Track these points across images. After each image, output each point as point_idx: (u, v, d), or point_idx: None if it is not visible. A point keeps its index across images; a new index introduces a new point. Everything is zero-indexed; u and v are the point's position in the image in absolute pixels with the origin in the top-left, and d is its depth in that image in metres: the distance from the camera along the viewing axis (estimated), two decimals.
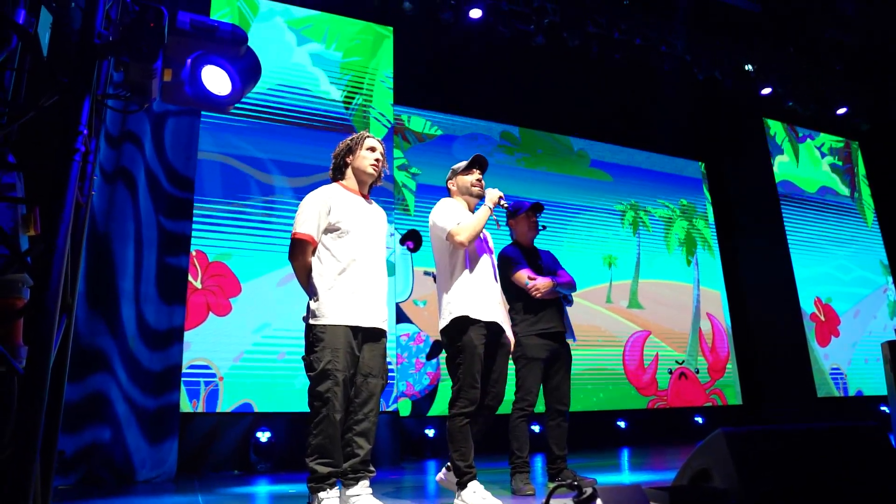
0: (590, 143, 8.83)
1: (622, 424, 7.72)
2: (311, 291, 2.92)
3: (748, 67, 9.02)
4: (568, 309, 4.11)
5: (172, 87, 2.66)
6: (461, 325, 3.22)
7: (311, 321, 2.85)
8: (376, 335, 2.98)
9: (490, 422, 3.41)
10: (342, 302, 2.86)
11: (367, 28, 6.97)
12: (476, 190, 3.53)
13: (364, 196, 3.18)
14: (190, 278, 5.53)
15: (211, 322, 5.59)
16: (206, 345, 5.53)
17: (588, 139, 8.83)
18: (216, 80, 2.66)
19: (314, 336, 2.83)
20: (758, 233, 9.28)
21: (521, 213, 4.10)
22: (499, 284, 3.53)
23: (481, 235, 3.50)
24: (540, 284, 3.86)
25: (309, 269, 2.95)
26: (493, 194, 3.45)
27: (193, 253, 5.60)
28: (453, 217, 3.35)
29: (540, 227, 4.15)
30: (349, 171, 3.17)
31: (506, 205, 3.56)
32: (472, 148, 7.77)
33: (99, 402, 4.75)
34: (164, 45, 2.57)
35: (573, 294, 4.14)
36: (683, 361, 8.46)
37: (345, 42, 6.83)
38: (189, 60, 2.61)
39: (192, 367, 5.42)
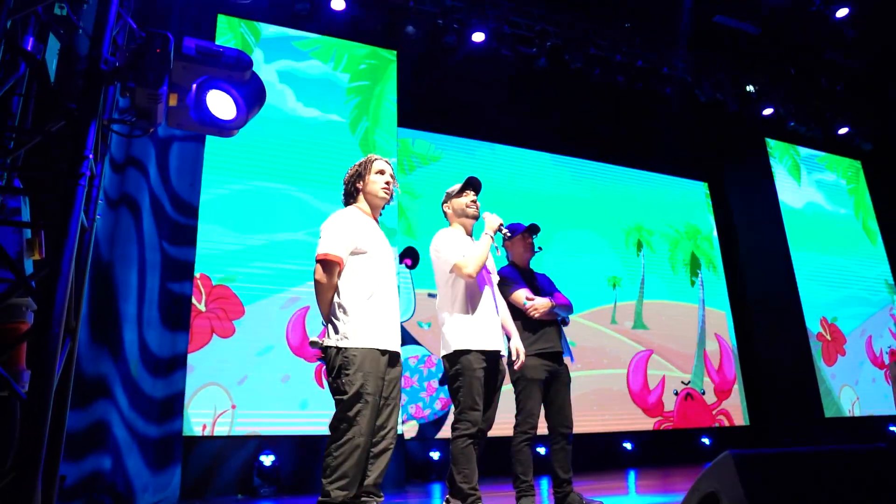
0: (593, 165, 8.85)
1: (628, 446, 7.64)
2: (339, 314, 2.84)
3: (750, 88, 9.07)
4: (565, 329, 4.09)
5: (178, 111, 2.68)
6: (462, 352, 3.29)
7: (341, 344, 2.78)
8: (396, 359, 2.97)
9: (482, 446, 3.40)
10: (372, 325, 2.82)
11: (373, 52, 7.03)
12: (471, 211, 3.56)
13: (376, 220, 3.17)
14: (193, 301, 5.52)
15: (215, 345, 5.57)
16: (209, 368, 5.51)
17: (591, 160, 8.85)
18: (221, 104, 2.67)
19: (344, 359, 2.76)
20: (762, 253, 9.24)
21: (517, 235, 4.09)
22: (500, 314, 3.54)
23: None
24: (538, 305, 3.83)
25: (336, 292, 2.89)
26: (492, 221, 3.48)
27: (197, 276, 5.60)
28: (457, 248, 3.38)
29: (536, 249, 4.13)
30: (361, 197, 3.15)
31: (507, 232, 3.61)
32: (473, 169, 7.81)
33: (100, 431, 4.66)
34: (169, 70, 2.59)
35: (569, 315, 4.12)
36: (689, 382, 8.39)
37: (352, 66, 6.90)
38: (194, 85, 2.63)
39: (203, 392, 5.40)
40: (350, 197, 3.17)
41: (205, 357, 5.51)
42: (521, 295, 3.87)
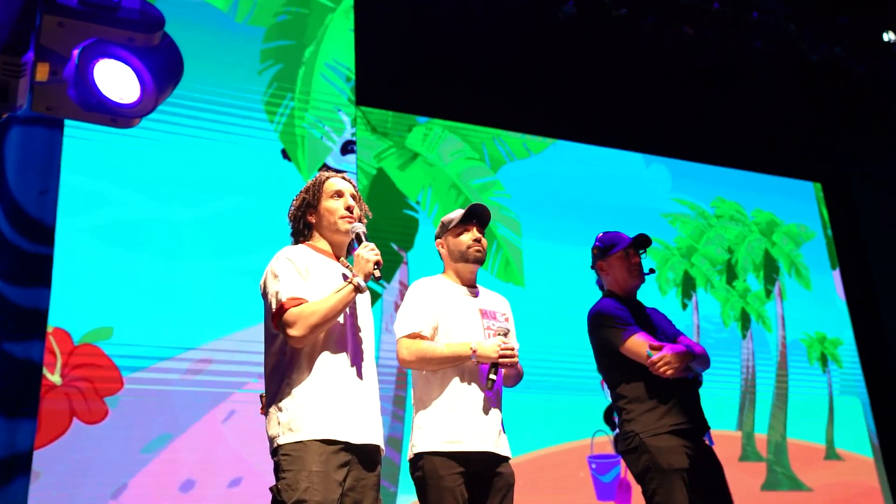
0: (647, 160, 8.96)
1: None
2: (280, 396, 3.03)
3: (888, 37, 9.14)
4: None
5: (50, 90, 2.74)
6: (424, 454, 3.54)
7: (281, 439, 2.96)
8: (368, 456, 3.10)
9: None
10: (323, 410, 2.99)
11: None
12: (473, 254, 3.73)
13: (342, 262, 3.34)
14: (45, 371, 5.55)
15: (75, 436, 5.60)
16: (66, 475, 5.52)
17: (644, 153, 8.93)
18: (117, 80, 2.76)
19: (283, 455, 2.94)
20: None
21: (618, 252, 4.14)
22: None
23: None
24: (671, 357, 3.78)
25: (280, 366, 3.08)
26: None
27: (51, 331, 5.64)
28: (419, 314, 3.63)
29: (646, 272, 4.16)
30: (316, 234, 3.35)
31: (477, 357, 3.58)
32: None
33: None
34: (37, 28, 2.68)
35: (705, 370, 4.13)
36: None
37: (267, 16, 7.04)
38: (76, 52, 2.71)
39: None
40: (300, 237, 3.38)
41: (60, 455, 5.53)
42: (643, 343, 3.85)
